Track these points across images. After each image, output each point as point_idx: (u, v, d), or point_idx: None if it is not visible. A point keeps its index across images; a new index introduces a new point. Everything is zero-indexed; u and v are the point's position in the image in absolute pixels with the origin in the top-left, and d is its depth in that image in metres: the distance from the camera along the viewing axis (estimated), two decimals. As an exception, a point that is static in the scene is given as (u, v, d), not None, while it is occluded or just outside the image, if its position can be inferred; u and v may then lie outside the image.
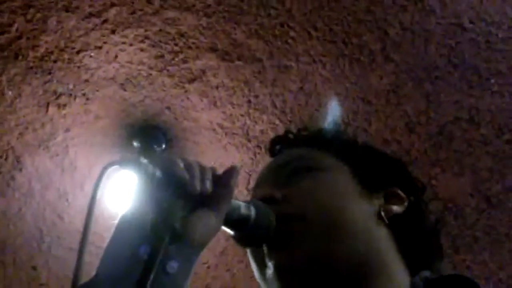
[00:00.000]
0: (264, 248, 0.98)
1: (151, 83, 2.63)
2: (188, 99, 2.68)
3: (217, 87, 2.64)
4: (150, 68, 2.59)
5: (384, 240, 1.01)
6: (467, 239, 2.94)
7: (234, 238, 0.98)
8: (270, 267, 0.97)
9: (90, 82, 2.63)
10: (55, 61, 2.55)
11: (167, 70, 2.59)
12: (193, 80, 2.62)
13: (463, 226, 2.91)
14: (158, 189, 0.84)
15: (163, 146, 2.82)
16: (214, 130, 2.78)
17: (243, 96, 2.66)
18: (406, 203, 1.06)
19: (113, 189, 2.77)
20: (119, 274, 0.82)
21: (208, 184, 0.87)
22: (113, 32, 2.47)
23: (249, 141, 2.80)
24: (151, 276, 0.78)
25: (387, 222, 1.02)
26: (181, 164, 0.86)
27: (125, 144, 2.84)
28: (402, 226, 1.03)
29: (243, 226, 0.94)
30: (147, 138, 2.80)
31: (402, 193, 1.07)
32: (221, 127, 2.77)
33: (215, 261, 3.20)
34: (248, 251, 1.03)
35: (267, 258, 0.98)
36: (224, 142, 2.82)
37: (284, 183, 1.04)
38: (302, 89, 2.62)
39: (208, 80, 2.62)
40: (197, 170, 0.87)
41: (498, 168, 2.76)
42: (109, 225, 2.73)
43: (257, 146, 2.81)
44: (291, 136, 1.19)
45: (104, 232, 2.52)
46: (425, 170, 2.77)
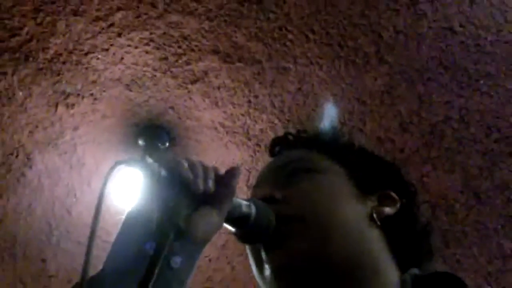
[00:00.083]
0: (263, 247, 0.98)
1: (156, 84, 2.64)
2: (191, 99, 2.68)
3: (219, 88, 2.64)
4: (155, 70, 2.59)
5: (376, 241, 1.01)
6: (457, 234, 2.94)
7: (235, 235, 0.98)
8: (268, 266, 0.97)
9: (98, 83, 2.63)
10: (64, 63, 2.55)
11: (171, 72, 2.59)
12: (196, 81, 2.62)
13: (453, 222, 2.91)
14: (163, 188, 0.84)
15: (167, 144, 2.82)
16: (216, 129, 2.78)
17: (244, 97, 2.66)
18: (399, 205, 1.06)
19: (120, 186, 2.77)
20: (125, 269, 0.83)
21: (211, 184, 0.88)
22: (119, 35, 2.47)
23: (249, 140, 2.81)
24: (156, 271, 0.79)
25: (379, 224, 1.02)
26: (185, 164, 0.86)
27: (131, 142, 2.84)
28: (394, 227, 1.03)
29: (244, 224, 0.94)
30: (152, 137, 2.80)
31: (395, 195, 1.07)
32: (223, 126, 2.77)
33: (217, 254, 3.20)
34: (248, 249, 1.03)
35: (265, 257, 0.98)
36: (225, 141, 2.82)
37: (284, 184, 1.04)
38: (300, 90, 2.62)
39: (210, 81, 2.62)
40: (201, 170, 0.88)
41: (487, 166, 2.76)
42: (115, 221, 2.74)
43: (257, 145, 2.82)
44: (291, 138, 1.18)
45: (111, 227, 2.53)
46: (417, 168, 2.77)
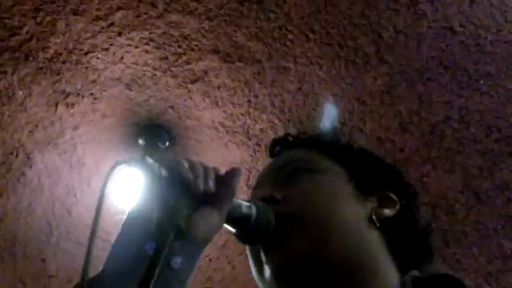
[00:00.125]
0: (262, 247, 0.97)
1: (156, 84, 2.63)
2: (191, 99, 2.68)
3: (219, 88, 2.64)
4: (155, 69, 2.58)
5: (376, 242, 1.00)
6: (457, 234, 2.94)
7: (235, 236, 0.97)
8: (267, 266, 0.96)
9: (97, 82, 2.62)
10: (64, 62, 2.54)
11: (171, 71, 2.59)
12: (196, 81, 2.62)
13: (454, 221, 2.91)
14: (164, 188, 0.83)
15: (167, 144, 2.82)
16: (216, 129, 2.78)
17: (244, 96, 2.66)
18: (398, 207, 1.05)
19: (120, 186, 2.76)
20: (126, 269, 0.82)
21: (211, 184, 0.87)
22: (119, 35, 2.47)
23: (249, 139, 2.80)
24: (156, 271, 0.78)
25: (378, 225, 1.01)
26: (186, 165, 0.86)
27: (131, 142, 2.84)
28: (394, 229, 1.02)
29: (244, 225, 0.94)
30: (152, 136, 2.79)
31: (395, 197, 1.06)
32: (223, 126, 2.76)
33: (217, 254, 3.20)
34: (247, 250, 1.02)
35: (265, 257, 0.97)
36: (225, 140, 2.81)
37: (284, 184, 1.03)
38: (300, 90, 2.62)
39: (210, 81, 2.61)
40: (201, 170, 0.87)
41: (487, 166, 2.75)
42: (116, 221, 2.74)
43: (257, 144, 2.81)
44: (291, 139, 1.18)
45: (111, 227, 2.52)
46: (417, 168, 2.77)
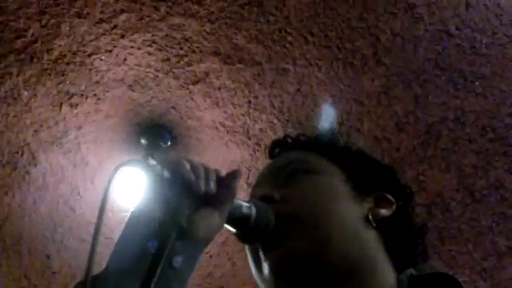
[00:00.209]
0: (261, 247, 0.97)
1: (158, 85, 2.63)
2: (192, 100, 2.67)
3: (219, 89, 2.64)
4: (157, 71, 2.58)
5: (373, 241, 1.01)
6: (453, 231, 2.94)
7: (236, 236, 0.97)
8: (266, 265, 0.96)
9: (101, 84, 2.62)
10: (68, 64, 2.54)
11: (173, 73, 2.59)
12: (197, 82, 2.62)
13: (449, 219, 2.90)
14: (166, 189, 0.84)
15: (169, 144, 2.82)
16: (217, 129, 2.78)
17: (244, 97, 2.66)
18: (394, 207, 1.05)
19: (123, 185, 2.76)
20: (128, 267, 0.82)
21: (212, 185, 0.87)
22: (122, 37, 2.47)
23: (249, 139, 2.80)
24: (158, 270, 0.79)
25: (375, 225, 1.01)
26: (188, 166, 0.86)
27: (133, 142, 2.84)
28: (390, 228, 1.03)
29: (244, 225, 0.94)
30: (154, 136, 2.79)
31: (391, 197, 1.06)
32: (223, 126, 2.76)
33: (217, 251, 3.20)
34: (247, 249, 1.02)
35: (263, 256, 0.97)
36: (226, 140, 2.81)
37: (283, 184, 1.03)
38: (299, 91, 2.62)
39: (211, 82, 2.61)
40: (202, 172, 0.87)
41: (482, 165, 2.75)
42: (118, 218, 2.74)
43: (257, 144, 2.81)
44: (290, 140, 1.18)
45: (114, 225, 2.52)
46: (414, 167, 2.77)
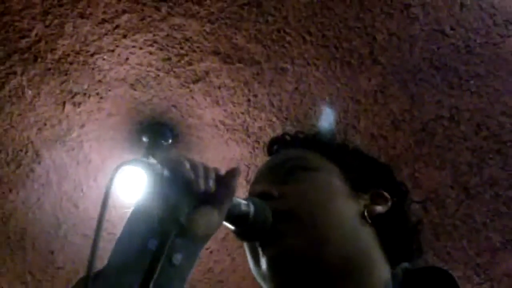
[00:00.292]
0: (259, 243, 0.97)
1: (159, 84, 2.63)
2: (193, 98, 2.67)
3: (219, 87, 2.63)
4: (158, 70, 2.58)
5: (369, 238, 1.01)
6: (448, 227, 2.94)
7: (234, 233, 0.97)
8: (265, 261, 0.96)
9: (103, 83, 2.62)
10: (71, 63, 2.54)
11: (174, 72, 2.59)
12: (197, 81, 2.62)
13: (444, 216, 2.90)
14: (166, 187, 0.84)
15: (170, 141, 2.81)
16: (217, 127, 2.78)
17: (243, 96, 2.65)
18: (390, 204, 1.05)
19: (124, 183, 2.76)
20: (129, 264, 0.83)
21: (212, 183, 0.87)
22: (124, 37, 2.47)
23: (249, 137, 2.80)
24: (158, 267, 0.79)
25: (370, 222, 1.01)
26: (187, 165, 0.86)
27: (135, 139, 2.84)
28: (385, 225, 1.03)
29: (243, 222, 0.94)
30: (155, 134, 2.79)
31: (387, 194, 1.06)
32: (223, 124, 2.76)
33: (217, 247, 3.20)
34: (245, 246, 1.02)
35: (262, 253, 0.97)
36: (226, 138, 2.81)
37: (281, 181, 1.03)
38: (297, 90, 2.62)
39: (211, 81, 2.61)
40: (202, 170, 0.87)
41: (476, 162, 2.75)
42: (120, 214, 2.74)
43: (256, 141, 2.81)
44: (288, 138, 1.17)
45: (116, 220, 2.52)
46: (409, 164, 2.77)
